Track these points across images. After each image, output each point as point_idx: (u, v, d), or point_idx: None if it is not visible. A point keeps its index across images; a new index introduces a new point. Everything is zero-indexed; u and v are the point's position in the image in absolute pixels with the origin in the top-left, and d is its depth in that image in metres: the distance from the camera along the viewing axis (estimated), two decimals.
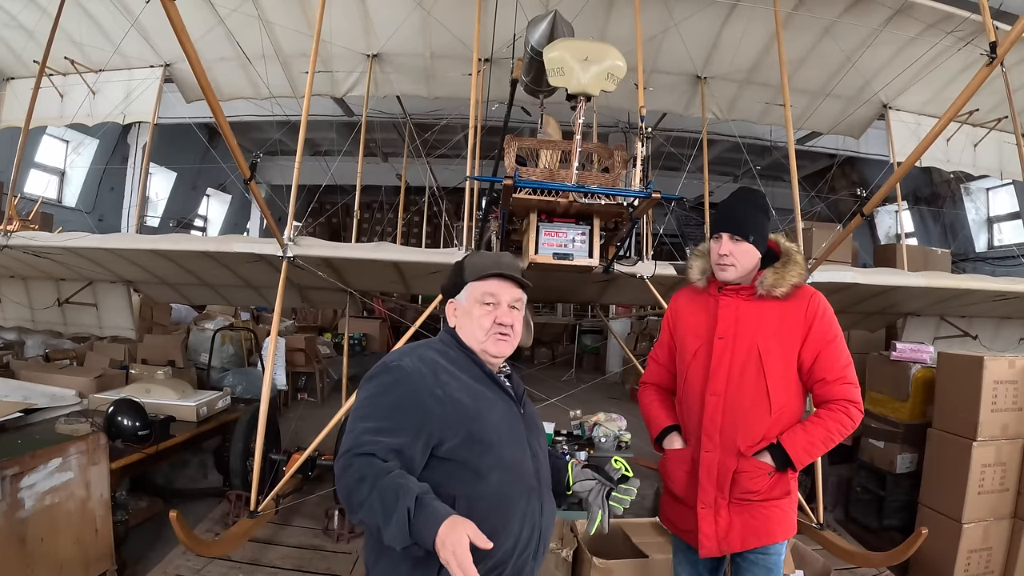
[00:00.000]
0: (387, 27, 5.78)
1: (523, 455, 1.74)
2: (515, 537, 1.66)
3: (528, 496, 1.71)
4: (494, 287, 1.79)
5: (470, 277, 1.81)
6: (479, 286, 1.80)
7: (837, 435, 2.25)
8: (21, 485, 3.00)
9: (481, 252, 1.92)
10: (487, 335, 1.78)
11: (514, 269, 1.83)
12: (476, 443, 1.63)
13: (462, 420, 1.63)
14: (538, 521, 1.73)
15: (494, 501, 1.63)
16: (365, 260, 4.16)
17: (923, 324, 5.87)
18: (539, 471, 1.79)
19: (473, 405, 1.68)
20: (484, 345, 1.79)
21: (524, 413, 1.83)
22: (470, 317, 1.80)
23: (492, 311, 1.79)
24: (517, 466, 1.71)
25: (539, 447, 1.84)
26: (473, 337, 1.80)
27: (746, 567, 2.35)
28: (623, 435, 4.61)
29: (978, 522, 3.79)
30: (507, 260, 1.86)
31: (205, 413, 4.83)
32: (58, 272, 5.60)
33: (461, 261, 1.90)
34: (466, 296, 1.82)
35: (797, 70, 5.79)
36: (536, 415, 1.93)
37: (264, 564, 3.99)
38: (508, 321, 1.79)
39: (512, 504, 1.67)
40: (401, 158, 9.60)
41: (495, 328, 1.78)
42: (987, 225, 10.61)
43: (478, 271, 1.81)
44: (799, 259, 2.34)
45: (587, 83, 3.13)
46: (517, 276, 1.81)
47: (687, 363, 2.40)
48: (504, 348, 1.81)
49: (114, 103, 6.26)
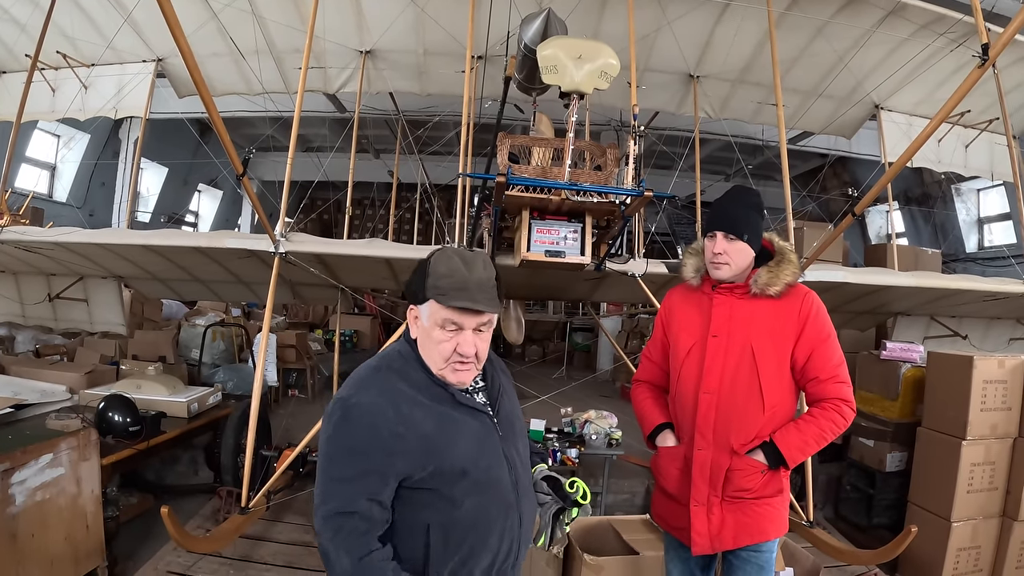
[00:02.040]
0: (380, 23, 5.78)
1: (500, 471, 1.66)
2: (493, 553, 1.63)
3: (506, 512, 1.65)
4: (457, 316, 1.59)
5: (432, 294, 1.59)
6: (441, 311, 1.59)
7: (830, 433, 2.26)
8: (12, 481, 2.98)
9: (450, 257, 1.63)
10: (447, 363, 1.62)
11: (484, 292, 1.60)
12: (446, 474, 1.56)
13: (429, 454, 1.55)
14: (516, 534, 1.68)
15: (469, 525, 1.59)
16: (357, 256, 4.14)
17: (913, 324, 5.91)
18: (518, 482, 1.70)
19: (440, 434, 1.58)
20: (443, 372, 1.63)
21: (499, 421, 1.72)
22: (429, 339, 1.63)
23: (453, 337, 1.60)
24: (493, 486, 1.64)
25: (517, 455, 1.73)
26: (432, 361, 1.64)
27: (738, 565, 2.36)
28: (614, 432, 4.63)
29: (967, 520, 3.82)
30: (477, 278, 1.60)
31: (196, 409, 4.80)
32: (49, 267, 5.57)
33: (426, 263, 1.65)
34: (427, 313, 1.62)
35: (789, 70, 5.82)
36: (514, 417, 1.80)
37: (255, 560, 3.99)
38: (469, 352, 1.61)
39: (489, 524, 1.62)
40: (393, 155, 9.58)
41: (455, 357, 1.61)
42: (978, 226, 10.67)
43: (442, 292, 1.58)
44: (793, 258, 2.35)
45: (580, 81, 3.14)
46: (484, 308, 1.59)
47: (681, 361, 2.41)
48: (464, 377, 1.64)
49: (106, 98, 6.24)
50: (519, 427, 1.82)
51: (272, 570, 3.89)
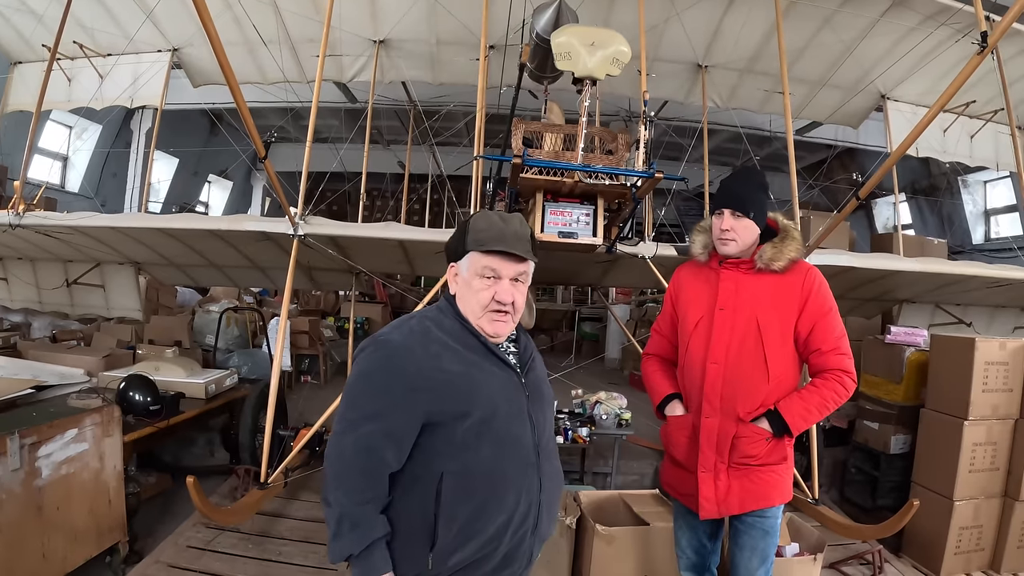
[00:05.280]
0: (394, 13, 5.87)
1: (522, 428, 1.68)
2: (509, 512, 1.62)
3: (525, 470, 1.66)
4: (496, 262, 1.68)
5: (472, 246, 1.69)
6: (480, 258, 1.69)
7: (832, 403, 2.34)
8: (39, 454, 3.07)
9: (488, 215, 1.75)
10: (484, 311, 1.69)
11: (520, 242, 1.69)
12: (467, 417, 1.59)
13: (453, 395, 1.60)
14: (536, 497, 1.67)
15: (485, 475, 1.60)
16: (373, 239, 4.23)
17: (918, 311, 5.96)
18: (540, 444, 1.72)
19: (465, 378, 1.62)
20: (480, 322, 1.71)
21: (527, 382, 1.75)
22: (469, 289, 1.71)
23: (492, 286, 1.69)
24: (514, 440, 1.66)
25: (542, 418, 1.76)
26: (470, 311, 1.71)
27: (744, 530, 2.45)
28: (623, 413, 4.71)
29: (969, 500, 3.89)
30: (513, 230, 1.70)
31: (214, 391, 4.89)
32: (66, 253, 5.67)
33: (467, 223, 1.75)
34: (466, 266, 1.72)
35: (797, 60, 5.88)
36: (542, 384, 1.84)
37: (273, 536, 4.08)
38: (508, 299, 1.69)
39: (506, 479, 1.63)
40: (403, 146, 9.64)
41: (493, 305, 1.69)
42: (984, 217, 10.71)
43: (481, 242, 1.68)
44: (796, 235, 2.44)
45: (593, 67, 3.22)
46: (522, 253, 1.68)
47: (689, 333, 2.49)
48: (501, 329, 1.72)
49: (122, 87, 6.32)
50: (547, 394, 1.86)
51: (289, 544, 3.98)
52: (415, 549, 1.59)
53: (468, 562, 1.61)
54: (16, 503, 2.93)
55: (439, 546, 1.59)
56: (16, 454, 2.92)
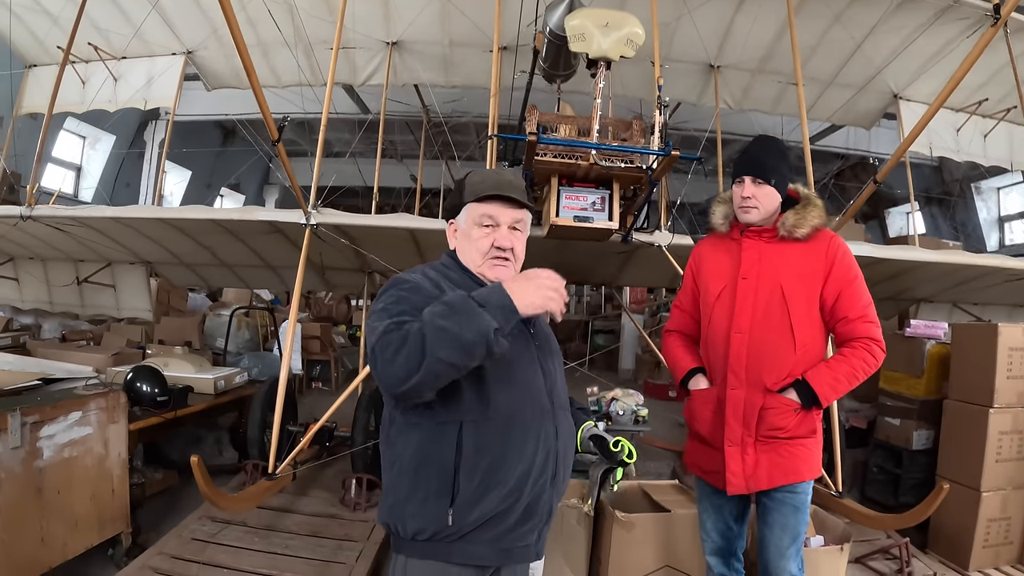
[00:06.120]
0: (407, 14, 5.90)
1: (534, 375, 1.68)
2: (529, 461, 1.59)
3: (541, 417, 1.65)
4: (493, 209, 1.71)
5: (469, 198, 1.74)
6: (477, 208, 1.72)
7: (861, 372, 2.27)
8: (40, 435, 2.99)
9: (482, 170, 1.86)
10: (485, 258, 1.72)
11: (515, 189, 1.73)
12: None
13: None
14: (553, 445, 1.65)
15: (503, 423, 1.58)
16: (384, 228, 4.21)
17: (936, 311, 5.90)
18: (553, 392, 1.71)
19: None
20: (482, 269, 1.73)
21: (535, 333, 1.75)
22: (468, 239, 1.74)
23: (491, 233, 1.72)
24: (527, 385, 1.65)
25: (554, 368, 1.76)
26: (471, 260, 1.74)
27: (773, 507, 2.35)
28: (640, 410, 4.60)
29: (996, 491, 3.76)
30: (508, 178, 1.75)
31: (223, 387, 4.86)
32: (77, 252, 5.68)
33: (462, 180, 1.81)
34: (465, 217, 1.76)
35: (808, 58, 5.87)
36: (550, 337, 1.84)
37: (280, 530, 3.98)
38: (507, 244, 1.72)
39: (524, 426, 1.61)
40: (415, 160, 9.65)
41: (493, 252, 1.71)
42: (998, 224, 10.64)
43: (477, 191, 1.73)
44: (819, 203, 2.39)
45: (607, 48, 3.22)
46: (518, 197, 1.72)
47: (711, 304, 2.43)
48: (502, 274, 1.72)
49: (135, 88, 6.36)
50: (555, 347, 1.84)
51: (297, 538, 3.88)
52: (435, 505, 1.55)
53: (489, 516, 1.56)
54: (15, 483, 2.85)
55: (460, 499, 1.54)
56: (17, 432, 2.84)
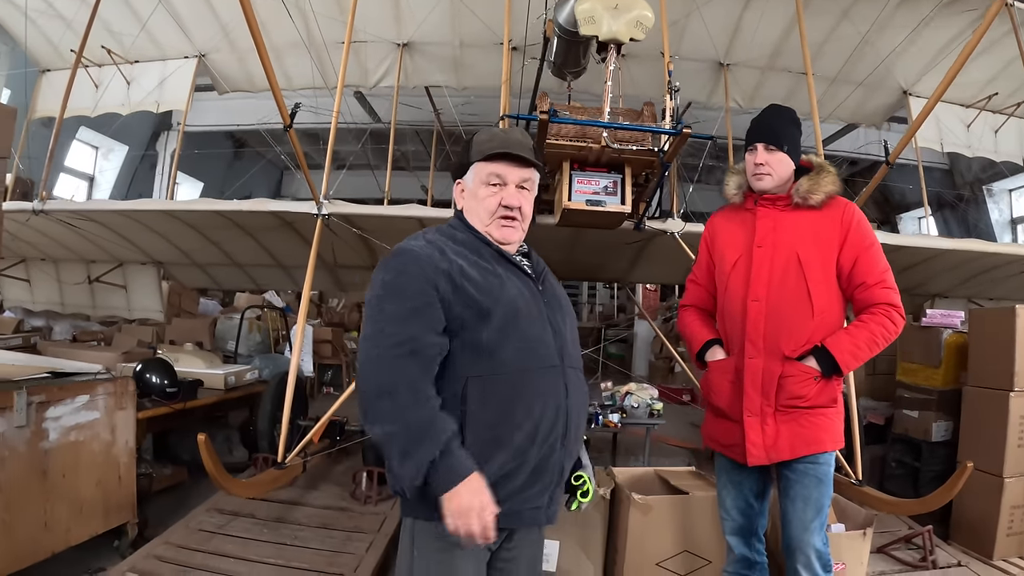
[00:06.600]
0: (417, 15, 5.93)
1: (543, 332, 1.65)
2: (536, 419, 1.56)
3: (549, 374, 1.62)
4: (500, 167, 1.70)
5: (476, 157, 1.72)
6: (485, 167, 1.71)
7: (881, 339, 2.23)
8: (46, 415, 2.95)
9: (490, 129, 1.84)
10: (492, 218, 1.71)
11: (523, 147, 1.71)
12: (490, 317, 1.57)
13: (475, 295, 1.58)
14: (563, 402, 1.62)
15: (510, 378, 1.56)
16: (394, 218, 4.22)
17: (951, 306, 5.81)
18: (563, 349, 1.68)
19: (483, 280, 1.61)
20: (489, 229, 1.72)
21: (544, 290, 1.74)
22: (476, 199, 1.73)
23: (498, 192, 1.70)
24: (536, 341, 1.62)
25: (562, 325, 1.72)
26: (479, 219, 1.73)
27: (795, 479, 2.28)
28: (655, 404, 4.58)
29: (1019, 476, 3.66)
30: (515, 137, 1.75)
31: (233, 382, 4.84)
32: (89, 252, 5.72)
33: (469, 140, 1.79)
34: (472, 177, 1.75)
35: (817, 55, 5.85)
36: (560, 295, 1.82)
37: (289, 521, 3.93)
38: (515, 203, 1.70)
39: (532, 382, 1.58)
40: (426, 171, 9.65)
41: (500, 211, 1.70)
42: (1011, 227, 10.55)
43: (484, 150, 1.71)
44: (832, 170, 2.37)
45: (617, 30, 3.24)
46: (526, 155, 1.70)
47: (727, 274, 2.40)
48: (510, 234, 1.72)
49: (148, 91, 6.41)
50: (566, 306, 1.82)
51: (306, 530, 3.83)
52: None
53: (497, 476, 1.53)
54: (19, 462, 2.80)
55: None
56: (23, 411, 2.80)
